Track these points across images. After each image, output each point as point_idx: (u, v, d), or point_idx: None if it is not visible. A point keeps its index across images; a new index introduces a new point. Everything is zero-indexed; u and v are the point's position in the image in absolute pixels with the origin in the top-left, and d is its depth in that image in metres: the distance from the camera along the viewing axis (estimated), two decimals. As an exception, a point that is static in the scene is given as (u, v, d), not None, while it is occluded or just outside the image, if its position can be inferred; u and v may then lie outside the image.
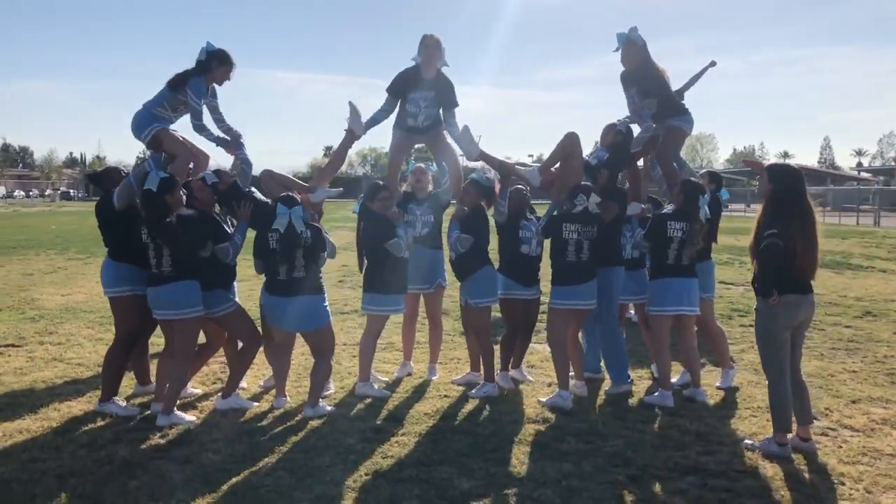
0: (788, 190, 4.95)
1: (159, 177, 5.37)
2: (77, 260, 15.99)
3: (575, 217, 5.99)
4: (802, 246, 4.86)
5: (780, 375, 4.96)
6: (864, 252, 18.98)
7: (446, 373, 6.97)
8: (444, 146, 6.81)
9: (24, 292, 11.46)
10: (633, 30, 6.55)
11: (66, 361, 7.23)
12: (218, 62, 6.09)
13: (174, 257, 5.38)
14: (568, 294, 6.03)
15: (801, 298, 4.95)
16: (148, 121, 6.05)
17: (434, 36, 6.46)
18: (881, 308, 10.46)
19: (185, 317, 5.45)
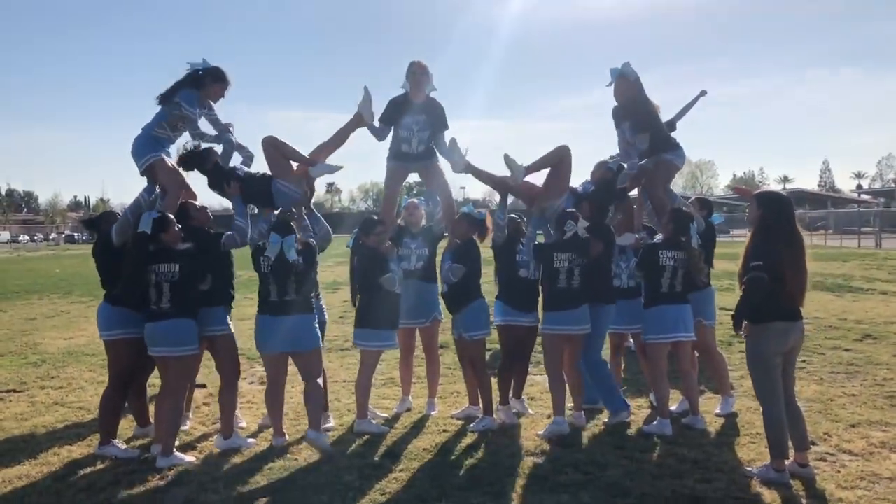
0: (777, 217, 5.00)
1: (151, 217, 5.45)
2: (80, 303, 16.06)
3: (565, 245, 6.07)
4: (791, 273, 4.89)
5: (774, 401, 4.97)
6: (865, 274, 18.98)
7: (446, 407, 6.98)
8: (437, 176, 6.92)
9: (27, 337, 11.51)
10: (626, 65, 6.68)
11: (68, 405, 7.25)
12: (212, 79, 6.20)
13: (173, 294, 5.44)
14: (560, 319, 6.09)
15: (790, 325, 4.97)
16: (146, 148, 6.13)
17: (421, 62, 6.65)
18: (881, 331, 10.46)
19: (181, 355, 5.50)
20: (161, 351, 5.52)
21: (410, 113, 6.65)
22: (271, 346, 5.78)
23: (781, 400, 4.99)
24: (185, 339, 5.51)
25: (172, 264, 5.47)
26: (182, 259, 5.51)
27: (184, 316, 5.49)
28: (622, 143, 6.94)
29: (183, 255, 5.55)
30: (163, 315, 5.45)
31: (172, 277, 5.45)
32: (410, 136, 6.69)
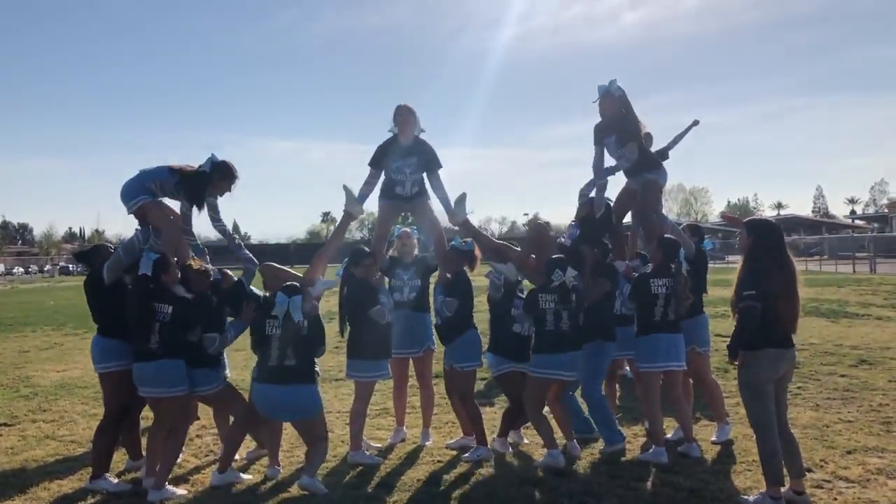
0: (767, 244, 5.02)
1: (151, 259, 5.47)
2: (74, 335, 15.97)
3: (552, 289, 5.99)
4: (783, 300, 4.90)
5: (768, 428, 4.95)
6: (860, 300, 19.00)
7: (440, 437, 6.93)
8: (428, 216, 6.92)
9: (19, 370, 11.43)
10: (613, 82, 6.69)
11: (59, 439, 7.18)
12: (219, 176, 6.12)
13: (163, 335, 5.44)
14: (547, 363, 5.99)
15: (782, 353, 4.97)
16: (137, 192, 6.08)
17: (407, 105, 6.73)
18: (877, 356, 10.45)
19: (169, 395, 5.48)
20: (150, 392, 5.50)
21: (401, 155, 6.69)
22: (272, 415, 5.74)
23: (775, 427, 4.97)
24: (174, 380, 5.48)
25: (166, 305, 5.47)
26: (177, 302, 5.52)
27: (172, 357, 5.47)
28: (597, 162, 6.87)
29: (179, 298, 5.57)
30: (151, 355, 5.43)
31: (164, 318, 5.44)
32: (404, 179, 6.72)
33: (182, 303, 5.58)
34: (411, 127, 6.69)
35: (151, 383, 5.47)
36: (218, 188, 6.19)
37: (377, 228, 7.16)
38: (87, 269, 6.31)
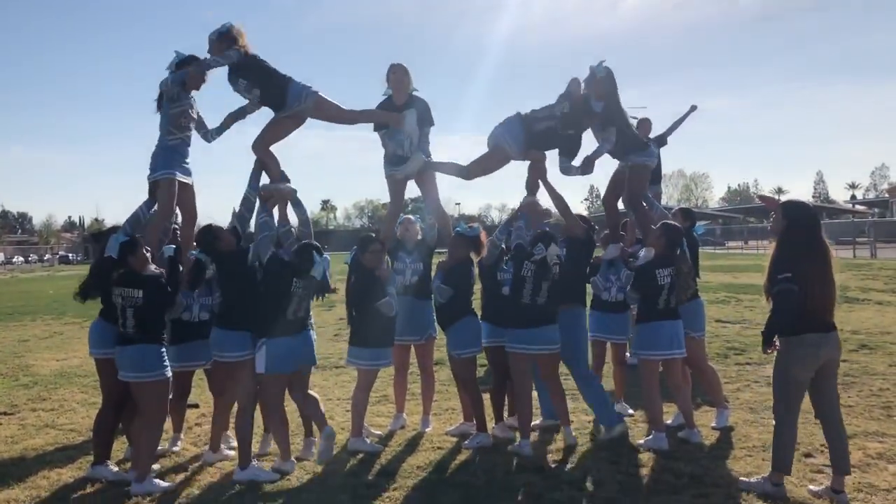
0: (803, 227, 4.85)
1: (118, 241, 5.37)
2: (74, 324, 15.96)
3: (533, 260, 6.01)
4: (819, 284, 4.73)
5: (789, 416, 4.82)
6: (861, 284, 18.97)
7: (440, 424, 6.92)
8: (432, 185, 6.93)
9: (19, 359, 11.42)
10: (599, 64, 6.45)
11: (58, 428, 7.18)
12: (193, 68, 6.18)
13: (137, 320, 5.32)
14: (524, 338, 6.02)
15: (822, 337, 4.78)
16: (161, 162, 6.17)
17: (400, 64, 6.71)
18: (877, 341, 10.44)
19: (145, 381, 5.33)
20: (128, 376, 5.38)
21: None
22: (292, 366, 5.69)
23: (796, 416, 4.84)
24: (150, 365, 5.33)
25: (136, 290, 5.31)
26: (147, 285, 5.36)
27: (149, 342, 5.34)
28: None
29: (149, 280, 5.40)
30: (128, 340, 5.34)
31: (136, 303, 5.30)
32: (402, 139, 6.69)
33: (153, 284, 5.39)
34: (405, 87, 6.67)
35: (129, 368, 5.34)
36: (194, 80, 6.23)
37: (389, 205, 7.15)
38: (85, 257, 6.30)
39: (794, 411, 4.84)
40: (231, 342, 5.67)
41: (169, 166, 6.19)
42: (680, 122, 10.51)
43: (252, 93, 6.31)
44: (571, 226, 6.57)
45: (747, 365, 9.17)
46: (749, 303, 15.64)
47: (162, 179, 6.16)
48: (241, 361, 5.68)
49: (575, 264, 6.42)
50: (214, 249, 5.82)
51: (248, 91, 6.30)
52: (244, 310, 5.69)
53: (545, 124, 6.32)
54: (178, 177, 6.22)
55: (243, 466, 5.55)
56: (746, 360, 9.48)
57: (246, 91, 6.31)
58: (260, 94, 6.30)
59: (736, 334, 11.51)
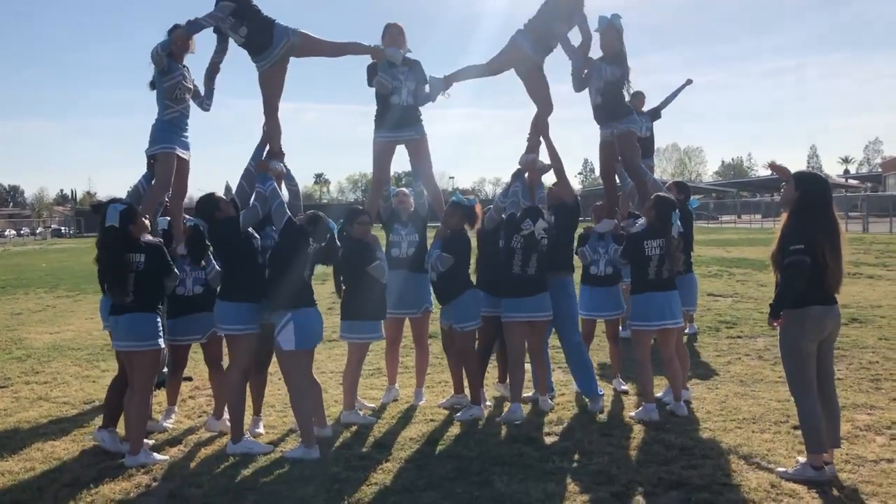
0: (815, 198, 4.74)
1: (118, 210, 5.34)
2: (67, 297, 15.95)
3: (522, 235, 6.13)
4: (829, 257, 4.65)
5: (808, 392, 4.73)
6: (852, 259, 19.04)
7: (433, 396, 6.96)
8: (425, 157, 6.96)
9: (12, 332, 11.41)
10: (616, 16, 6.55)
11: (52, 400, 7.19)
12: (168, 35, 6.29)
13: (136, 286, 5.32)
14: (516, 306, 6.16)
15: (827, 309, 4.74)
16: (160, 136, 6.29)
17: (397, 23, 6.76)
18: (867, 314, 10.51)
19: (142, 349, 5.34)
20: (122, 345, 5.39)
21: (392, 66, 6.71)
22: (318, 337, 5.73)
23: (815, 391, 4.74)
24: (146, 334, 5.33)
25: (139, 255, 5.35)
26: (148, 251, 5.39)
27: (144, 310, 5.35)
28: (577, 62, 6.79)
29: (149, 246, 5.44)
30: (124, 308, 5.34)
31: (137, 268, 5.32)
32: (399, 86, 6.71)
33: (154, 251, 5.43)
34: (400, 47, 6.70)
35: (124, 337, 5.35)
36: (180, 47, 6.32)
37: (374, 169, 7.13)
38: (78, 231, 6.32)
39: (812, 387, 4.73)
40: (232, 314, 5.60)
41: (168, 140, 6.28)
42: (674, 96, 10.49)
43: (239, 31, 6.36)
44: (563, 189, 6.63)
45: (738, 338, 9.23)
46: (741, 277, 15.71)
47: (160, 153, 6.21)
48: (244, 335, 5.64)
49: (563, 231, 6.49)
50: (213, 219, 5.77)
51: (236, 30, 6.35)
52: (245, 282, 5.63)
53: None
54: (177, 151, 6.27)
55: (236, 440, 5.56)
56: (738, 333, 9.54)
57: (233, 29, 6.36)
58: (247, 33, 6.35)
59: (728, 308, 11.57)
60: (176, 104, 6.29)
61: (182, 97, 6.33)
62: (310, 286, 5.64)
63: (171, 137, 6.27)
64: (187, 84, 6.36)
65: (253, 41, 6.39)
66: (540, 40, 6.60)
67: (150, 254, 5.40)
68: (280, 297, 5.50)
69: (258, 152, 6.21)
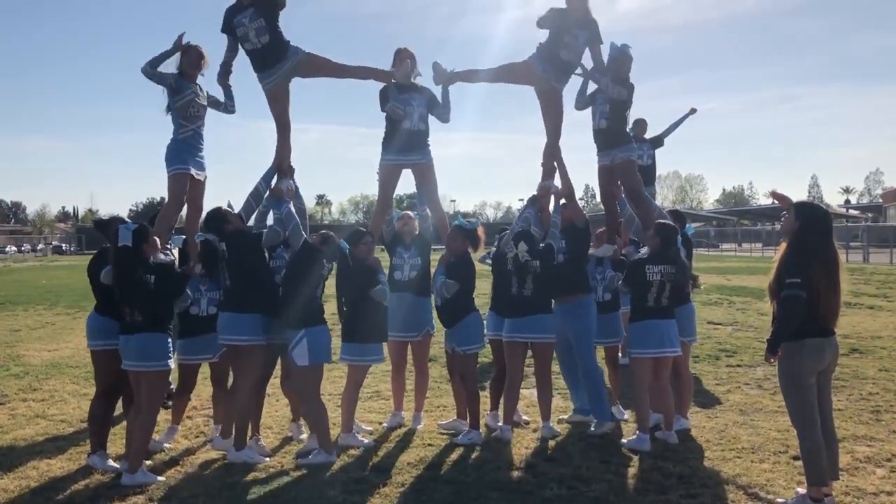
0: (815, 230, 4.71)
1: (130, 230, 5.39)
2: (66, 315, 15.92)
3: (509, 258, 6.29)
4: (826, 291, 4.62)
5: (811, 424, 4.69)
6: (853, 289, 19.02)
7: (431, 421, 6.93)
8: (431, 182, 7.00)
9: (10, 349, 11.38)
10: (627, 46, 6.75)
11: (49, 418, 7.16)
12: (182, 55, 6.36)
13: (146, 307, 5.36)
14: (515, 326, 6.25)
15: (825, 341, 4.70)
16: (173, 157, 6.33)
17: (408, 48, 6.83)
18: (868, 345, 10.48)
19: (151, 370, 5.38)
20: (131, 365, 5.39)
21: (403, 92, 6.78)
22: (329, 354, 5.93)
23: (818, 423, 4.70)
24: (156, 354, 5.36)
25: (149, 275, 5.38)
26: (159, 271, 5.43)
27: (155, 330, 5.38)
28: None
29: (160, 267, 5.48)
30: (135, 328, 5.35)
31: (148, 288, 5.36)
32: (412, 111, 6.76)
33: (164, 271, 5.47)
34: (411, 71, 6.77)
35: (133, 357, 5.36)
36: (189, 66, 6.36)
37: (378, 195, 7.18)
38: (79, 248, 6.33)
39: (814, 418, 4.68)
40: (240, 325, 5.71)
41: (182, 161, 6.33)
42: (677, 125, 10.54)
43: (261, 38, 6.42)
44: (572, 212, 6.67)
45: (738, 367, 9.21)
46: (741, 305, 15.69)
47: (173, 174, 6.28)
48: (251, 346, 5.75)
49: (573, 253, 6.55)
50: (223, 232, 5.88)
51: (260, 34, 6.41)
52: (254, 293, 5.77)
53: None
54: (191, 171, 6.34)
55: (238, 447, 5.66)
56: (738, 361, 9.51)
57: (258, 33, 6.41)
58: (268, 42, 6.42)
59: (727, 336, 11.55)
60: (190, 123, 6.33)
61: (196, 115, 6.38)
62: (322, 305, 5.82)
63: (184, 158, 6.31)
64: (200, 101, 6.40)
65: (268, 52, 6.45)
66: (551, 61, 6.62)
67: (161, 274, 5.43)
68: (294, 314, 5.71)
69: (269, 173, 6.35)
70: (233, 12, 6.44)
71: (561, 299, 6.58)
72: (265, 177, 6.38)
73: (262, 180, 6.36)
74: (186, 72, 6.34)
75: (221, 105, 6.68)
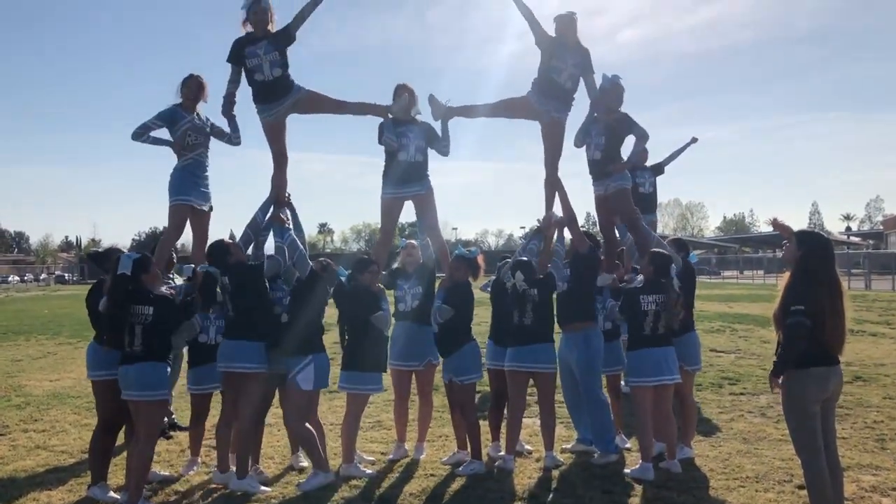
0: (817, 257, 4.70)
1: (131, 259, 5.42)
2: (68, 344, 15.90)
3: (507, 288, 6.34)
4: (830, 318, 4.61)
5: (815, 453, 4.64)
6: (855, 316, 18.96)
7: (433, 450, 6.90)
8: (430, 212, 7.03)
9: (12, 379, 11.36)
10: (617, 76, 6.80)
11: (50, 449, 7.13)
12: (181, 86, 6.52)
13: (145, 337, 5.35)
14: (516, 355, 6.27)
15: (830, 370, 4.68)
16: (174, 188, 6.48)
17: (407, 84, 6.91)
18: (871, 373, 10.44)
19: (151, 399, 5.36)
20: (131, 395, 5.37)
21: (400, 125, 6.85)
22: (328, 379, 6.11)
23: (822, 451, 4.65)
24: (155, 384, 5.36)
25: (147, 307, 5.37)
26: (157, 303, 5.43)
27: (154, 359, 5.37)
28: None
29: (159, 299, 5.48)
30: (134, 358, 5.35)
31: (146, 320, 5.35)
32: (407, 143, 6.81)
33: (163, 303, 5.48)
34: (410, 107, 6.87)
35: (133, 386, 5.34)
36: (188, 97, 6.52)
37: (381, 227, 7.24)
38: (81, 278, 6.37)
39: (818, 447, 4.64)
40: (242, 353, 5.76)
41: (184, 192, 6.42)
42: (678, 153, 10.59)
43: (274, 71, 6.51)
44: (576, 240, 6.70)
45: (741, 395, 9.16)
46: (744, 333, 15.65)
47: (173, 205, 6.38)
48: (253, 373, 5.79)
49: (581, 282, 6.55)
50: (225, 263, 5.94)
51: (274, 67, 6.49)
52: (257, 321, 5.82)
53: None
54: (192, 203, 6.38)
55: (240, 476, 5.67)
56: (741, 389, 9.47)
57: (272, 65, 6.48)
58: (280, 75, 6.52)
59: (730, 364, 11.51)
60: (190, 151, 6.42)
61: (195, 143, 6.47)
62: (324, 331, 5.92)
63: (186, 189, 6.39)
64: (199, 126, 6.49)
65: (277, 85, 6.54)
66: (547, 93, 6.72)
67: (159, 306, 5.43)
68: (302, 340, 5.83)
69: (266, 204, 6.41)
70: (244, 43, 6.52)
71: (565, 327, 6.59)
72: (262, 208, 6.47)
73: (259, 211, 6.45)
74: (185, 102, 6.44)
75: (226, 136, 6.76)
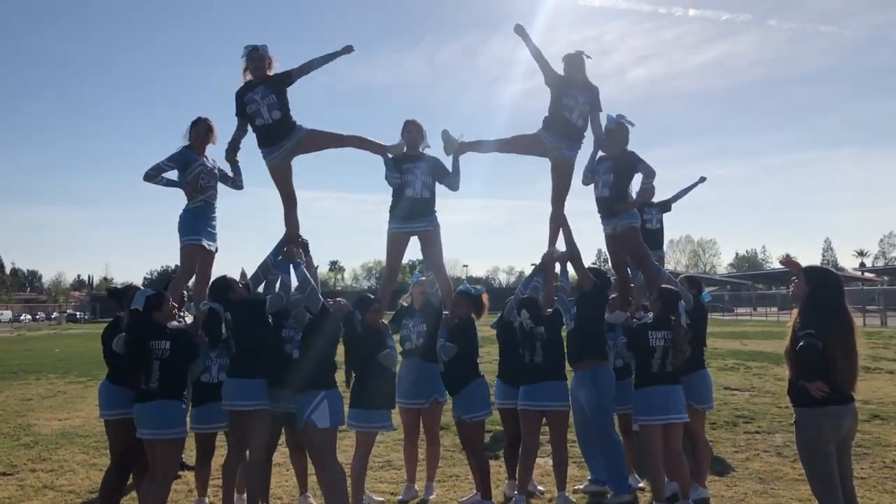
0: (826, 294, 4.62)
1: (144, 295, 5.44)
2: (78, 383, 15.88)
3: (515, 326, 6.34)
4: (841, 354, 4.50)
5: (832, 493, 4.52)
6: (871, 353, 18.75)
7: (443, 491, 6.80)
8: (436, 248, 7.00)
9: (21, 418, 11.34)
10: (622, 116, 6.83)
11: (57, 489, 7.08)
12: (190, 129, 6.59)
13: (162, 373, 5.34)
14: (528, 394, 6.21)
15: (844, 409, 4.57)
16: (184, 228, 6.52)
17: (415, 120, 6.95)
18: (889, 411, 10.27)
19: (164, 438, 5.32)
20: (147, 433, 5.34)
21: (406, 161, 6.86)
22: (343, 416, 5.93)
23: (840, 491, 4.54)
24: (172, 422, 5.33)
25: (164, 341, 5.38)
26: (174, 337, 5.44)
27: (171, 397, 5.35)
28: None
29: (176, 332, 5.50)
30: (150, 396, 5.33)
31: (163, 355, 5.35)
32: (413, 179, 6.81)
33: (180, 336, 5.48)
34: (419, 142, 6.91)
35: (149, 424, 5.31)
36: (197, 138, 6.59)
37: (387, 262, 7.23)
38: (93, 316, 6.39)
39: (835, 487, 4.53)
40: (247, 391, 5.69)
41: (195, 232, 6.49)
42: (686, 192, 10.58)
43: (273, 114, 6.56)
44: (580, 277, 6.68)
45: (756, 433, 9.02)
46: (758, 370, 15.46)
47: (184, 245, 6.44)
48: (258, 411, 5.72)
49: (587, 319, 6.51)
50: (228, 300, 5.93)
51: (272, 110, 6.54)
52: (260, 360, 5.78)
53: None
54: (203, 243, 6.49)
55: None
56: (756, 428, 9.32)
57: (270, 108, 6.54)
58: (279, 117, 6.56)
59: (745, 402, 11.35)
60: (201, 193, 6.50)
61: (206, 185, 6.55)
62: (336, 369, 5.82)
63: (197, 229, 6.45)
64: (209, 169, 6.58)
65: (278, 127, 6.60)
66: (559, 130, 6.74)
67: (175, 340, 5.43)
68: (315, 376, 5.69)
69: (279, 246, 6.44)
70: (244, 92, 6.63)
71: (575, 366, 6.53)
72: (275, 251, 6.47)
73: (271, 254, 6.46)
74: (194, 144, 6.51)
75: (230, 180, 6.84)
